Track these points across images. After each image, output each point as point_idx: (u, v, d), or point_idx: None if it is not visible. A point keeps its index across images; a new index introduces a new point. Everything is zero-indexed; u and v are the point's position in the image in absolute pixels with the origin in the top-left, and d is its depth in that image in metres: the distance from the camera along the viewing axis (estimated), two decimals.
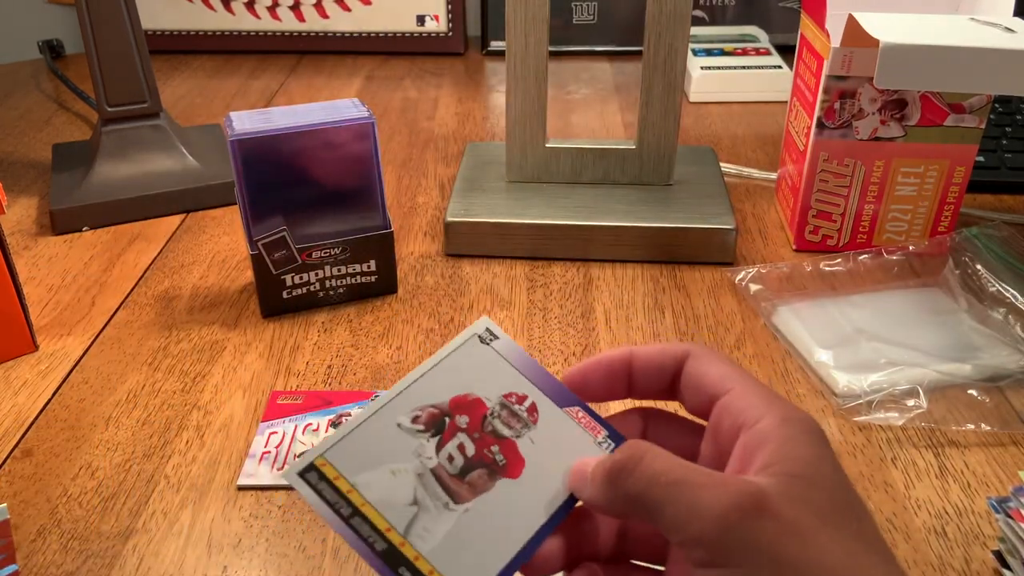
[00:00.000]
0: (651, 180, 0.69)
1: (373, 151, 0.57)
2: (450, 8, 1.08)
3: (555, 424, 0.30)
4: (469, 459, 0.29)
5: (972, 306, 0.56)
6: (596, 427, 0.31)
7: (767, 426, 0.26)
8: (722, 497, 0.24)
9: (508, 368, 0.31)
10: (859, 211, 0.63)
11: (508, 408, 0.30)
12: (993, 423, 0.49)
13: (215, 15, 1.09)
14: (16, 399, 0.52)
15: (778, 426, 0.26)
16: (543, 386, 0.31)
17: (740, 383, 0.28)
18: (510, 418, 0.30)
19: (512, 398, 0.31)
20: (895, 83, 0.52)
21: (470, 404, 0.30)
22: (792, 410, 0.27)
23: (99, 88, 0.71)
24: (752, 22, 1.08)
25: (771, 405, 0.27)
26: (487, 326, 0.32)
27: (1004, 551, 0.39)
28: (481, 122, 0.91)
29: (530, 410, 0.31)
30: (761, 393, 0.28)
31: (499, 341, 0.32)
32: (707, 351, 0.30)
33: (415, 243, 0.68)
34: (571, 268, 0.64)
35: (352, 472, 0.28)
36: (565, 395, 0.31)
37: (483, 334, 0.32)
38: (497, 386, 0.31)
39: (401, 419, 0.30)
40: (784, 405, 0.27)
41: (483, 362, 0.31)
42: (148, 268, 0.65)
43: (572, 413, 0.31)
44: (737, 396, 0.28)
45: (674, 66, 0.64)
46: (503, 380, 0.31)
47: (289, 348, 0.56)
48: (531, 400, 0.31)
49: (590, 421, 0.31)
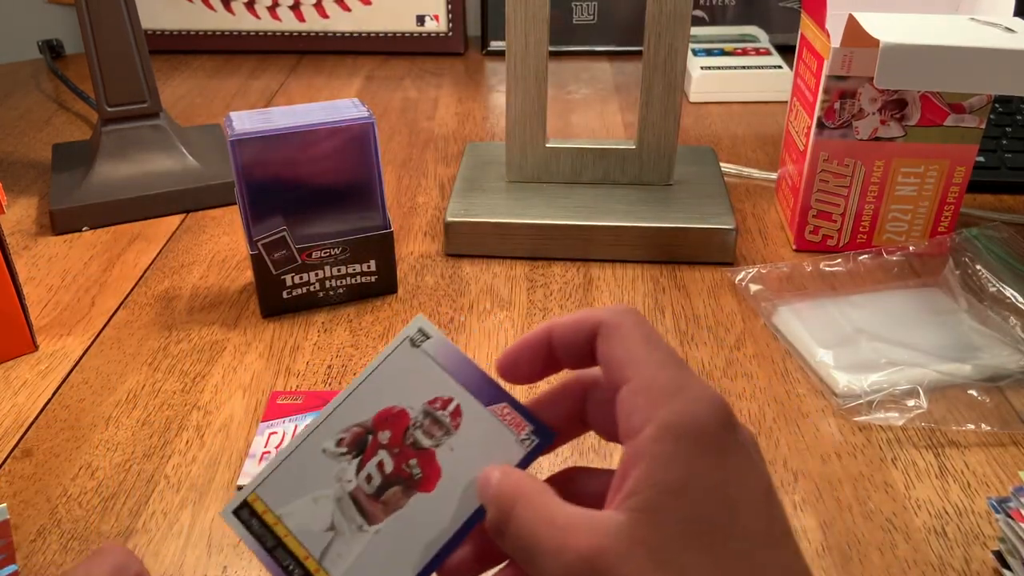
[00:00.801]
0: (651, 180, 0.69)
1: (373, 151, 0.57)
2: (450, 8, 1.08)
3: (478, 426, 0.30)
4: (387, 476, 0.30)
5: (972, 306, 0.56)
6: (521, 423, 0.30)
7: (644, 440, 0.25)
8: (564, 560, 0.24)
9: (437, 371, 0.31)
10: (859, 211, 0.63)
11: (431, 416, 0.30)
12: (993, 423, 0.49)
13: (215, 15, 1.09)
14: (16, 399, 0.52)
15: (654, 440, 0.25)
16: (471, 385, 0.31)
17: (638, 370, 0.26)
18: (432, 426, 0.30)
19: (437, 404, 0.30)
20: (895, 83, 0.52)
21: (394, 417, 0.30)
22: (679, 410, 0.25)
23: (99, 88, 0.71)
24: (752, 22, 1.08)
25: (659, 406, 0.25)
26: (420, 326, 0.31)
27: (1004, 551, 0.39)
28: (481, 122, 0.91)
29: (453, 414, 0.30)
30: (655, 386, 0.26)
31: (430, 341, 0.31)
32: (616, 324, 0.28)
33: (415, 243, 0.68)
34: (571, 268, 0.64)
35: (279, 504, 0.29)
36: (494, 391, 0.31)
37: (415, 336, 0.31)
38: (423, 392, 0.30)
39: (326, 444, 0.30)
40: (673, 403, 0.25)
41: (412, 368, 0.31)
42: (148, 268, 0.65)
43: (497, 411, 0.30)
44: (631, 392, 0.26)
45: (674, 66, 0.64)
46: (430, 385, 0.31)
47: (289, 348, 0.56)
48: (455, 403, 0.30)
49: (515, 417, 0.30)
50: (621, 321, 0.28)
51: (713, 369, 0.54)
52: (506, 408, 0.30)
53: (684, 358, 0.54)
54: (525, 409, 0.30)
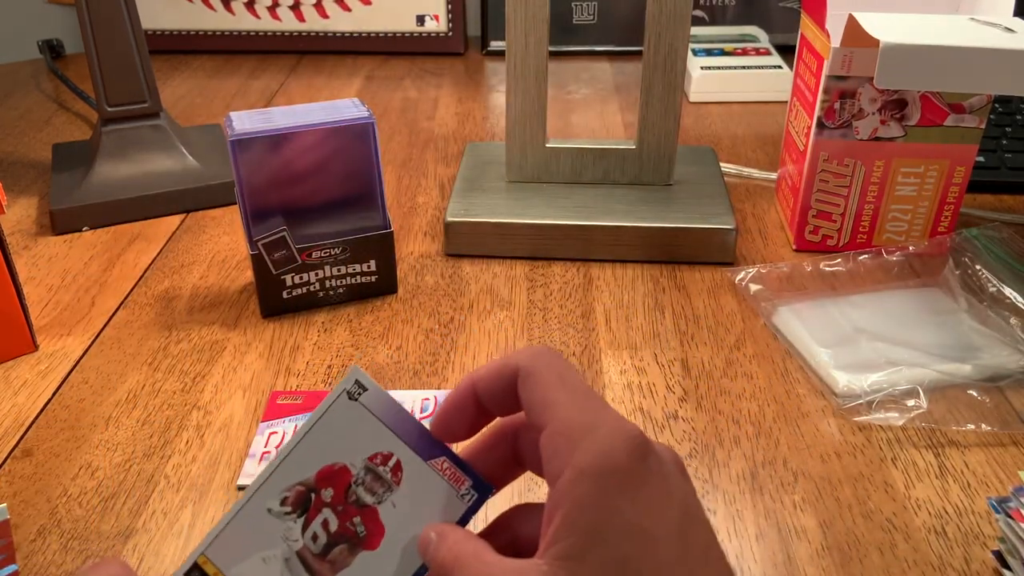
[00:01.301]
0: (651, 180, 0.69)
1: (373, 151, 0.57)
2: (450, 8, 1.08)
3: (419, 481, 0.30)
4: (332, 535, 0.30)
5: (972, 306, 0.56)
6: (460, 478, 0.30)
7: (563, 485, 0.26)
8: None
9: (376, 425, 0.31)
10: (859, 211, 0.63)
11: (373, 472, 0.30)
12: (993, 423, 0.49)
13: (215, 15, 1.09)
14: (16, 399, 0.52)
15: (571, 484, 0.25)
16: (411, 439, 0.31)
17: (555, 413, 0.27)
18: (374, 483, 0.30)
19: (377, 459, 0.30)
20: (895, 83, 0.52)
21: (336, 474, 0.30)
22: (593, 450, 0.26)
23: (99, 88, 0.71)
24: (752, 22, 1.08)
25: (574, 447, 0.26)
26: (356, 378, 0.31)
27: (1004, 551, 0.39)
28: (481, 122, 0.91)
29: (394, 470, 0.30)
30: (570, 428, 0.26)
31: (368, 393, 0.31)
32: (531, 368, 0.28)
33: (415, 243, 0.68)
34: (571, 268, 0.64)
35: (228, 565, 0.29)
36: (433, 445, 0.31)
37: (351, 388, 0.31)
38: (363, 448, 0.30)
39: (271, 503, 0.30)
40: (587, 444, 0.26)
41: (350, 422, 0.31)
42: (148, 268, 0.65)
43: (437, 465, 0.30)
44: (550, 436, 0.27)
45: (674, 66, 0.64)
46: (370, 440, 0.30)
47: (289, 348, 0.56)
48: (396, 458, 0.30)
49: (455, 472, 0.30)
50: (535, 364, 0.28)
51: (713, 369, 0.54)
52: (445, 462, 0.30)
53: (684, 358, 0.55)
54: (463, 463, 0.31)
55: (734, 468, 0.46)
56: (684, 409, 0.51)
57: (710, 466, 0.47)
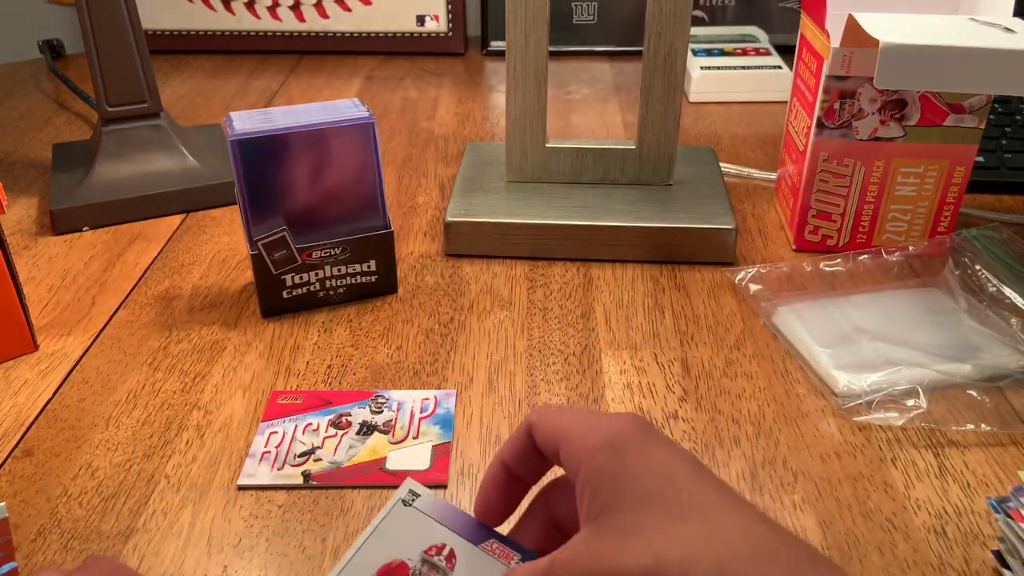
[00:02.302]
0: (651, 180, 0.69)
1: (373, 151, 0.57)
2: (450, 8, 1.08)
3: (472, 564, 0.33)
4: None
5: (972, 306, 0.56)
6: (509, 553, 0.33)
7: (584, 467, 0.29)
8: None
9: (430, 523, 0.34)
10: (859, 211, 0.63)
11: (428, 562, 0.33)
12: (993, 423, 0.49)
13: (215, 15, 1.09)
14: (16, 399, 0.52)
15: (590, 460, 0.29)
16: (461, 528, 0.34)
17: (566, 431, 0.30)
18: (430, 572, 0.33)
19: (432, 551, 0.33)
20: (895, 83, 0.52)
21: (395, 570, 0.33)
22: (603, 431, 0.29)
23: (99, 88, 0.71)
24: (752, 22, 1.08)
25: (587, 439, 0.29)
26: (410, 487, 0.35)
27: (1004, 551, 0.39)
28: (481, 122, 0.91)
29: (448, 557, 0.33)
30: (580, 432, 0.30)
31: (421, 499, 0.35)
32: (541, 415, 0.32)
33: (415, 243, 0.68)
34: (571, 268, 0.64)
35: None
36: (481, 531, 0.34)
37: (406, 497, 0.35)
38: (419, 543, 0.34)
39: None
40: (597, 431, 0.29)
41: (407, 523, 0.34)
42: (148, 268, 0.66)
43: (487, 547, 0.34)
44: (567, 449, 0.30)
45: (674, 66, 0.64)
46: (425, 535, 0.34)
47: (289, 348, 0.56)
48: (449, 547, 0.34)
49: (503, 550, 0.34)
50: (542, 414, 0.32)
51: (713, 369, 0.54)
52: (494, 543, 0.34)
53: (684, 358, 0.55)
54: (510, 540, 0.34)
55: (734, 468, 0.46)
56: (684, 409, 0.51)
57: (710, 466, 0.47)
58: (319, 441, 0.48)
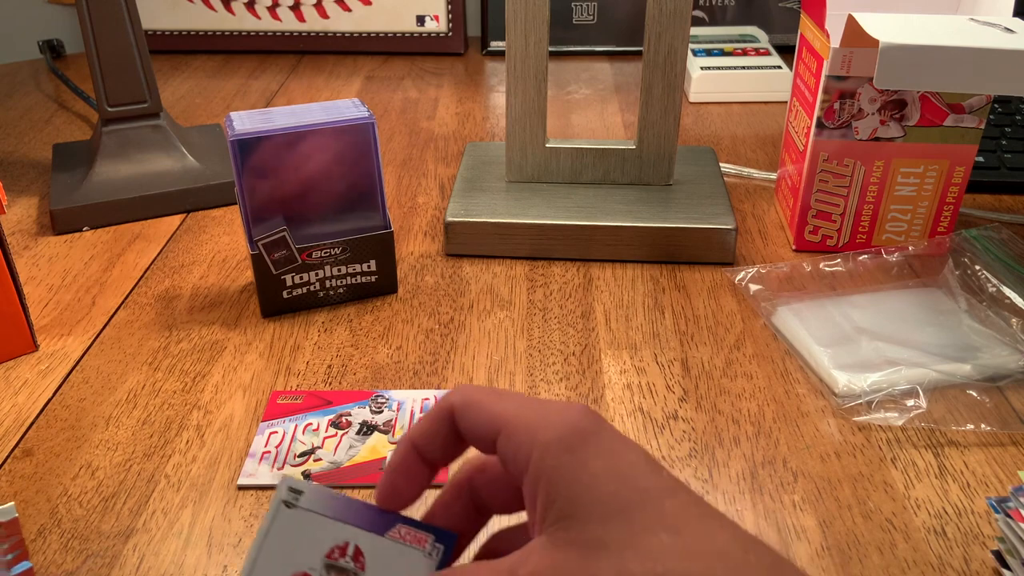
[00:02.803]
0: (651, 180, 0.69)
1: (373, 151, 0.57)
2: (450, 8, 1.08)
3: (383, 557, 0.30)
4: None
5: (972, 306, 0.56)
6: (421, 537, 0.30)
7: (535, 466, 0.27)
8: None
9: (323, 522, 0.30)
10: (859, 211, 0.63)
11: (335, 567, 0.30)
12: (993, 423, 0.49)
13: (215, 15, 1.09)
14: (16, 399, 0.52)
15: (543, 459, 0.27)
16: (362, 521, 0.31)
17: (504, 420, 0.28)
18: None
19: (335, 554, 0.30)
20: (895, 83, 0.52)
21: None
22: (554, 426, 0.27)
23: (99, 88, 0.71)
24: (752, 22, 1.08)
25: (534, 434, 0.27)
26: (289, 486, 0.31)
27: (1003, 551, 0.39)
28: (481, 122, 0.91)
29: (355, 556, 0.30)
30: (524, 423, 0.28)
31: (305, 496, 0.31)
32: (468, 398, 0.29)
33: (415, 243, 0.68)
34: (571, 268, 0.64)
35: None
36: (385, 518, 0.31)
37: (288, 498, 0.30)
38: (318, 548, 0.30)
39: None
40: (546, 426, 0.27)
41: (298, 528, 0.30)
42: (148, 268, 0.66)
43: (396, 535, 0.30)
44: (507, 439, 0.28)
45: (674, 66, 0.64)
46: (322, 538, 0.30)
47: (289, 348, 0.56)
48: (353, 545, 0.30)
49: (415, 534, 0.31)
50: (468, 396, 0.29)
51: (713, 369, 0.54)
52: (402, 528, 0.31)
53: (684, 358, 0.55)
54: (419, 523, 0.31)
55: (734, 468, 0.47)
56: (684, 409, 0.51)
57: (710, 466, 0.47)
58: (319, 441, 0.48)
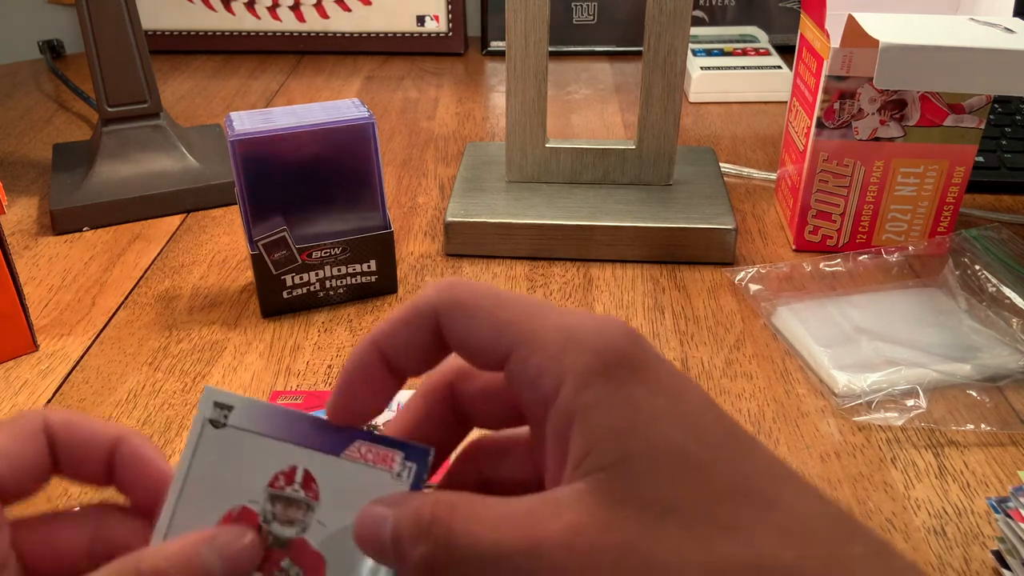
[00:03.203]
0: (651, 180, 0.69)
1: (373, 151, 0.57)
2: (450, 8, 1.08)
3: (340, 482, 0.24)
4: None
5: (972, 306, 0.56)
6: (387, 455, 0.24)
7: (568, 396, 0.21)
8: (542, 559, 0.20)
9: (262, 442, 0.25)
10: (858, 211, 0.63)
11: (281, 498, 0.24)
12: (993, 423, 0.49)
13: (215, 15, 1.09)
14: (16, 399, 0.52)
15: (580, 389, 0.21)
16: (310, 439, 0.25)
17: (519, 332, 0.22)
18: (287, 510, 0.24)
19: (280, 481, 0.24)
20: (895, 83, 0.52)
21: (236, 522, 0.24)
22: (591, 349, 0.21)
23: (99, 88, 0.71)
24: (752, 22, 1.08)
25: (564, 354, 0.22)
26: (214, 399, 0.25)
27: (1004, 551, 0.39)
28: (481, 122, 0.91)
29: (305, 484, 0.24)
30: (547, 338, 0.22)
31: (236, 411, 0.25)
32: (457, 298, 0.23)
33: (415, 243, 0.68)
34: (571, 268, 0.64)
35: None
36: (339, 435, 0.25)
37: (213, 416, 0.25)
38: (258, 476, 0.24)
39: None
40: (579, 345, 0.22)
41: (230, 452, 0.25)
42: (148, 268, 0.66)
43: (355, 453, 0.24)
44: (524, 357, 0.22)
45: (674, 66, 0.64)
46: (262, 463, 0.24)
47: (289, 348, 0.56)
48: (301, 469, 0.24)
49: (379, 451, 0.24)
50: (458, 295, 0.23)
51: (713, 369, 0.54)
52: (362, 446, 0.25)
53: (684, 358, 0.55)
54: (384, 437, 0.25)
55: None
56: None
57: None
58: None
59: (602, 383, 0.21)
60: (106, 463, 0.26)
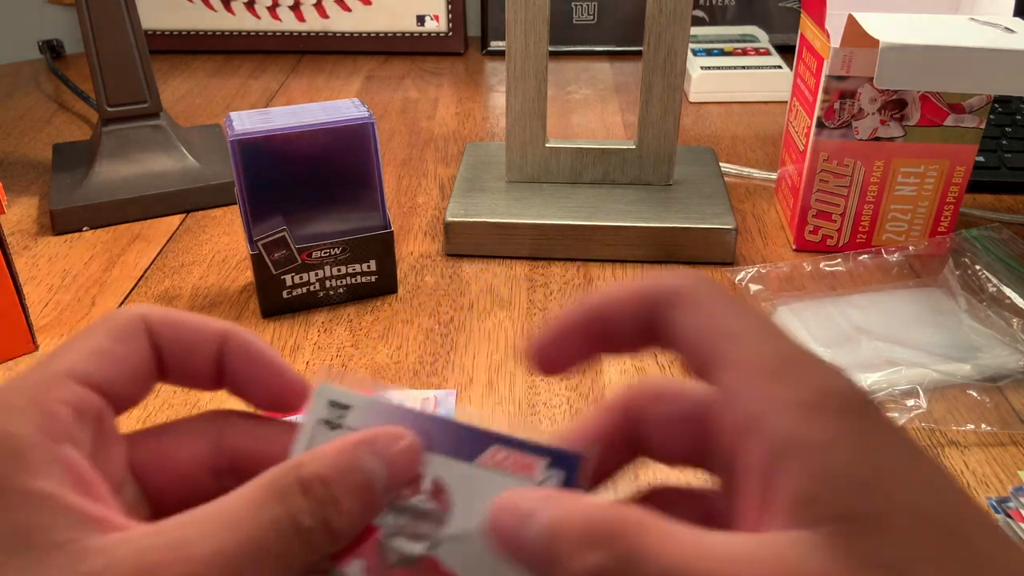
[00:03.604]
0: (651, 180, 0.69)
1: (373, 151, 0.57)
2: (450, 8, 1.08)
3: (475, 492, 0.21)
4: None
5: (972, 306, 0.56)
6: (528, 462, 0.22)
7: (784, 429, 0.19)
8: None
9: None
10: (859, 211, 0.63)
11: (405, 510, 0.21)
12: (993, 423, 0.49)
13: (215, 15, 1.09)
14: None
15: (801, 424, 0.19)
16: (438, 443, 0.22)
17: (741, 343, 0.21)
18: (414, 523, 0.21)
19: (405, 492, 0.22)
20: (895, 83, 0.52)
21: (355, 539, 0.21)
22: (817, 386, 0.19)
23: (99, 88, 0.71)
24: (752, 22, 1.08)
25: (782, 380, 0.20)
26: (329, 398, 0.22)
27: None
28: (481, 122, 0.91)
29: (434, 493, 0.22)
30: (769, 361, 0.20)
31: (352, 411, 0.22)
32: (696, 292, 0.22)
33: (415, 243, 0.68)
34: (571, 268, 0.64)
35: None
36: (473, 438, 0.22)
37: (329, 416, 0.22)
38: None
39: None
40: (805, 379, 0.20)
41: None
42: (148, 268, 0.66)
43: (491, 459, 0.22)
44: (737, 369, 0.20)
45: (674, 66, 0.64)
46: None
47: (289, 348, 0.56)
48: (429, 477, 0.22)
49: (519, 457, 0.22)
50: (698, 289, 0.22)
51: None
52: (499, 451, 0.22)
53: None
54: (526, 442, 0.22)
55: None
56: None
57: None
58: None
59: (833, 421, 0.19)
60: (215, 363, 0.23)
